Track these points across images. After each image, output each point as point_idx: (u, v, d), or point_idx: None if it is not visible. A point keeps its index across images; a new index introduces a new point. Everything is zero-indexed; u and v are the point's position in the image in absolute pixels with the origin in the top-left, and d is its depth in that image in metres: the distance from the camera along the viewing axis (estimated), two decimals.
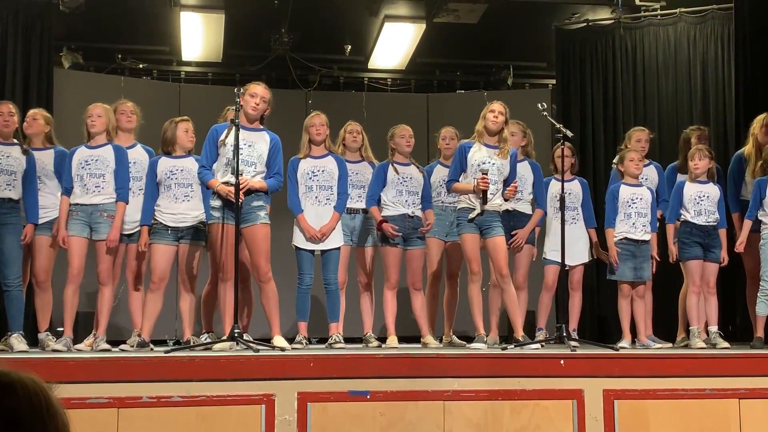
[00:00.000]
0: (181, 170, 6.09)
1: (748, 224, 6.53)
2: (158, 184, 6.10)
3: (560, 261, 6.47)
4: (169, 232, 6.01)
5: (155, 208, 6.07)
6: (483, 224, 6.00)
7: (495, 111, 6.13)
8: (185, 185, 6.07)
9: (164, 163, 6.12)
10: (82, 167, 5.96)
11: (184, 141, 6.17)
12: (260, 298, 5.85)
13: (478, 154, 6.07)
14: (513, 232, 6.60)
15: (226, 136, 5.65)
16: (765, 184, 6.47)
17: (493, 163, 6.05)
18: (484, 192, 5.94)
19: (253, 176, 5.67)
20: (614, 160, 7.08)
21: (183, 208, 6.05)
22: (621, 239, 6.56)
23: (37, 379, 1.55)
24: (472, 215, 5.98)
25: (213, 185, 5.61)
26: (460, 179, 6.11)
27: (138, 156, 6.38)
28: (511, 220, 6.60)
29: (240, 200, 5.50)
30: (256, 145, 5.73)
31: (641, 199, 6.61)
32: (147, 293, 6.05)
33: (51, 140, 6.40)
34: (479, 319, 6.17)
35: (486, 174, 5.95)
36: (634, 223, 6.57)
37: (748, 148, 6.81)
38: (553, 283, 6.93)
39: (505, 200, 6.11)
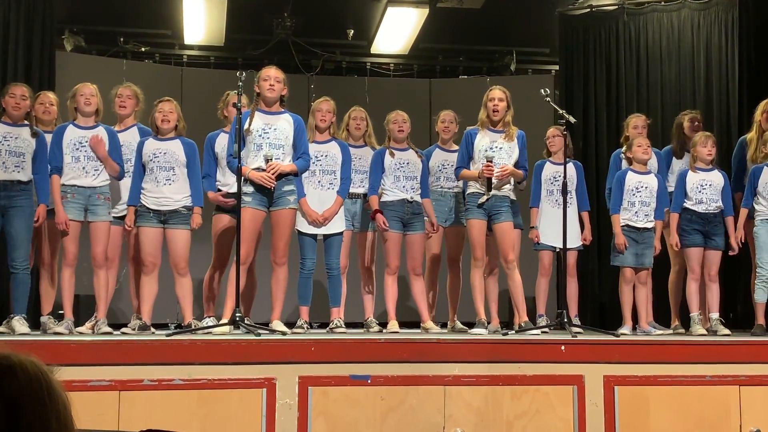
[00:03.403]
0: (164, 153, 6.03)
1: (744, 213, 6.55)
2: (144, 166, 6.07)
3: (552, 245, 6.51)
4: (152, 215, 5.98)
5: (141, 190, 6.04)
6: (492, 209, 6.04)
7: (494, 99, 6.14)
8: (167, 168, 6.01)
9: (150, 145, 6.08)
10: (77, 148, 5.95)
11: (157, 122, 6.11)
12: (270, 280, 5.86)
13: (484, 141, 6.10)
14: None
15: (250, 124, 5.69)
16: (759, 172, 6.48)
17: (500, 148, 6.06)
18: (488, 179, 5.95)
19: (282, 159, 5.70)
20: (622, 150, 7.06)
21: (165, 191, 5.99)
22: (623, 226, 6.54)
23: (37, 362, 1.54)
24: (481, 200, 6.01)
25: (244, 173, 5.63)
26: (469, 166, 6.14)
27: (130, 138, 6.36)
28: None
29: (272, 185, 5.60)
30: (281, 127, 5.76)
31: (646, 187, 6.56)
32: (141, 276, 6.05)
33: (57, 123, 6.42)
34: (480, 304, 6.21)
35: (491, 161, 5.96)
36: (636, 212, 6.54)
37: (750, 134, 6.82)
38: (549, 267, 6.92)
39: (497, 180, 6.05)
